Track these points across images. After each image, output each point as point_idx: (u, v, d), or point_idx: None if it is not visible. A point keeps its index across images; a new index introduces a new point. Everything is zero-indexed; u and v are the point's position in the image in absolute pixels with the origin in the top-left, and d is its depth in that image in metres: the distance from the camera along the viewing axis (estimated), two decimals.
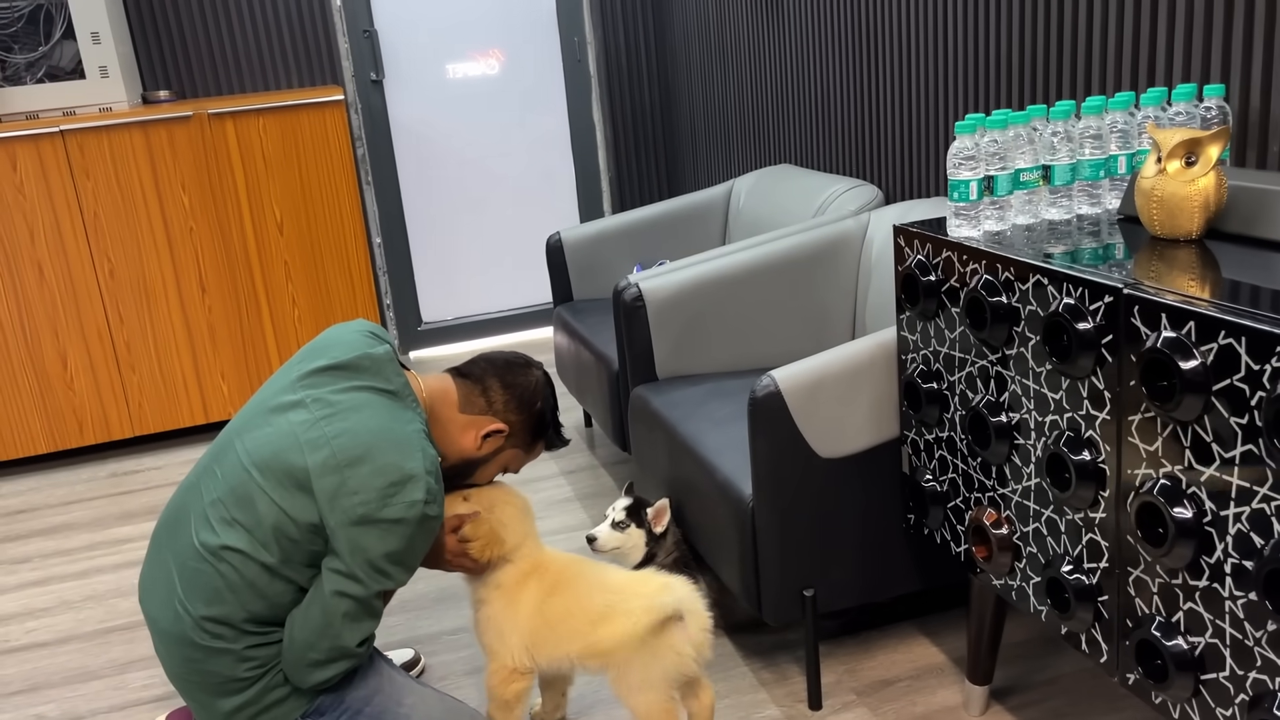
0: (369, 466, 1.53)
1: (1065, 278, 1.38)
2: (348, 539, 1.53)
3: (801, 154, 3.30)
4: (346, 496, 1.53)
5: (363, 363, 1.65)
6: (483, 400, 1.76)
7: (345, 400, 1.60)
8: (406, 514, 1.54)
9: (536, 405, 1.80)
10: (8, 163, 3.31)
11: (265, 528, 1.56)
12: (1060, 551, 1.49)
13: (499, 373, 1.78)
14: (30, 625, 2.58)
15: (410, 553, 1.58)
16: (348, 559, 1.55)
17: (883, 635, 2.20)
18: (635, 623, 1.69)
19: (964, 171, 1.60)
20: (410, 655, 2.22)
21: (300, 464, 1.55)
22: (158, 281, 3.53)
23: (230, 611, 1.59)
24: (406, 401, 1.66)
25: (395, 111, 4.32)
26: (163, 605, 1.63)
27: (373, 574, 1.55)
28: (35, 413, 3.52)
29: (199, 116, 3.44)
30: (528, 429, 1.81)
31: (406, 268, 4.48)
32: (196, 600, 1.59)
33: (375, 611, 1.61)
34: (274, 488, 1.56)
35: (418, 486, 1.54)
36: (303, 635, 1.59)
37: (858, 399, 1.87)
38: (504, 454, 1.81)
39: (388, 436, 1.56)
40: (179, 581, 1.61)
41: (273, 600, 1.59)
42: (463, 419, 1.75)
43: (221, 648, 1.59)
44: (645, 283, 2.51)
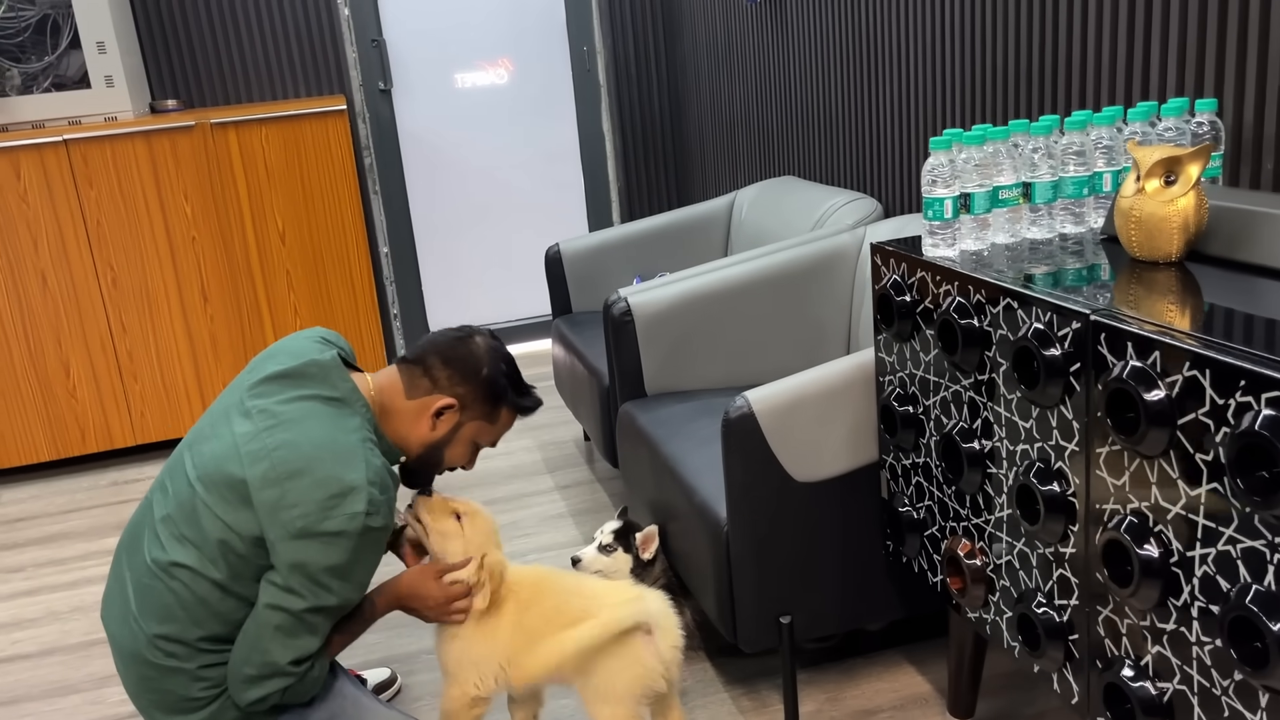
0: (309, 479, 1.50)
1: (1034, 302, 1.32)
2: (287, 552, 1.50)
3: (805, 166, 3.25)
4: (286, 509, 1.49)
5: (309, 370, 1.62)
6: (427, 380, 1.69)
7: (288, 411, 1.57)
8: (347, 526, 1.50)
9: (482, 372, 1.70)
10: (11, 172, 3.33)
11: (211, 543, 1.53)
12: (1032, 586, 1.43)
13: (439, 349, 1.71)
14: (16, 636, 2.57)
15: (354, 566, 1.53)
16: (285, 572, 1.51)
17: (867, 663, 2.13)
18: (599, 625, 1.64)
19: (938, 189, 1.54)
20: (387, 674, 2.19)
21: (240, 476, 1.52)
22: (160, 290, 3.53)
23: (182, 629, 1.56)
24: (354, 407, 1.61)
25: (404, 121, 4.31)
26: (120, 622, 1.61)
27: (312, 588, 1.51)
28: (38, 421, 3.53)
29: (202, 126, 3.44)
30: (480, 398, 1.71)
31: (414, 277, 4.46)
32: (149, 618, 1.57)
33: (314, 629, 1.55)
34: (216, 502, 1.53)
35: (359, 498, 1.50)
36: (239, 649, 1.56)
37: (835, 421, 1.81)
38: (466, 430, 1.72)
39: (329, 448, 1.53)
40: (134, 598, 1.59)
41: (226, 617, 1.56)
42: (413, 405, 1.69)
43: (175, 666, 1.56)
44: (634, 297, 2.46)
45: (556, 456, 3.34)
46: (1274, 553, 1.02)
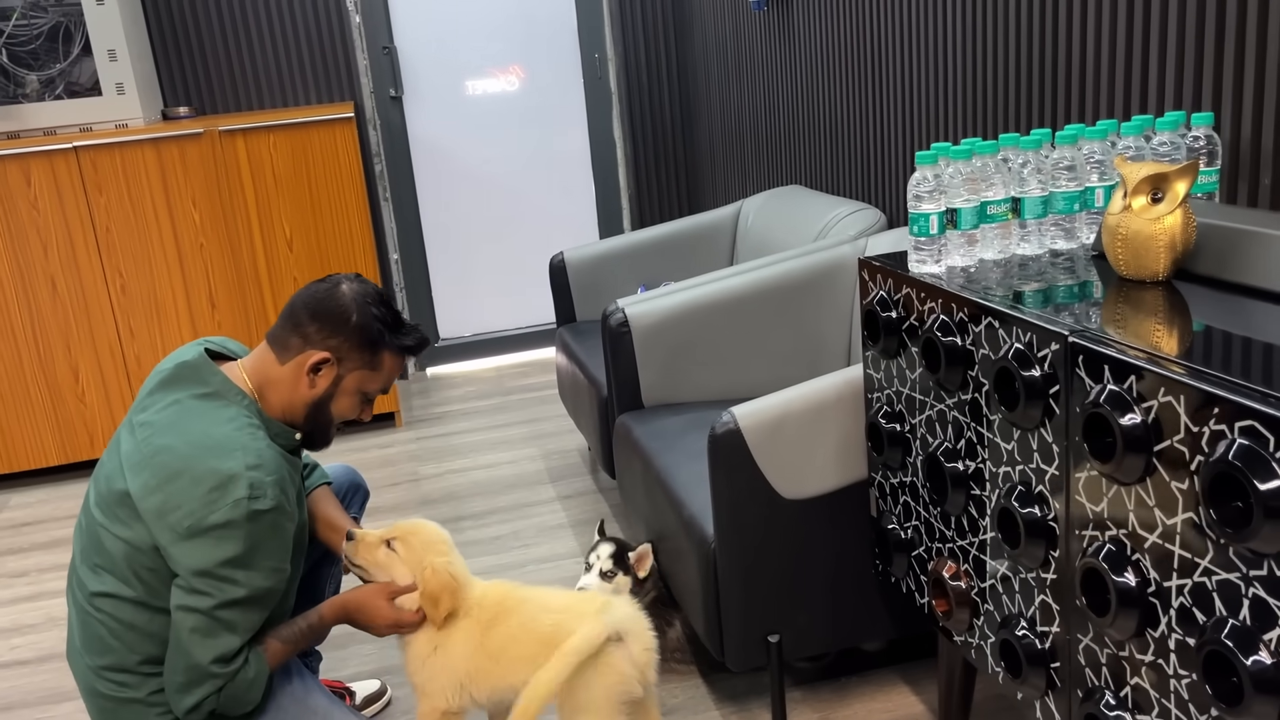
0: (187, 477, 1.49)
1: (1015, 321, 1.29)
2: (182, 554, 1.49)
3: (811, 175, 3.22)
4: (171, 512, 1.48)
5: (179, 373, 1.61)
6: (298, 339, 1.62)
7: (163, 417, 1.56)
8: (233, 514, 1.47)
9: (352, 319, 1.62)
10: (22, 178, 3.36)
11: (120, 564, 1.53)
12: (1015, 611, 1.40)
13: (305, 304, 1.64)
14: (16, 642, 2.58)
15: (254, 553, 1.51)
16: (186, 574, 1.50)
17: (861, 682, 2.10)
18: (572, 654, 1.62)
19: (924, 204, 1.51)
20: (377, 686, 2.18)
21: (124, 489, 1.52)
22: (168, 296, 3.55)
23: (120, 657, 1.56)
24: (229, 396, 1.59)
25: (414, 128, 4.31)
26: (74, 660, 1.64)
27: (214, 584, 1.49)
28: (47, 425, 3.56)
29: (210, 133, 3.46)
30: (356, 346, 1.64)
31: (424, 284, 4.47)
32: (90, 651, 1.58)
33: (230, 625, 1.52)
34: (111, 522, 1.53)
35: (239, 484, 1.48)
36: (167, 661, 1.55)
37: (823, 438, 1.78)
38: (347, 380, 1.66)
39: (203, 443, 1.51)
40: (77, 634, 1.61)
41: (158, 637, 1.56)
42: (288, 369, 1.62)
43: (128, 696, 1.56)
44: (631, 308, 2.44)
45: (560, 466, 3.33)
46: (1248, 586, 0.99)
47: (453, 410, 3.98)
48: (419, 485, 3.26)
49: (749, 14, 3.49)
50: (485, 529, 2.93)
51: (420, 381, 4.41)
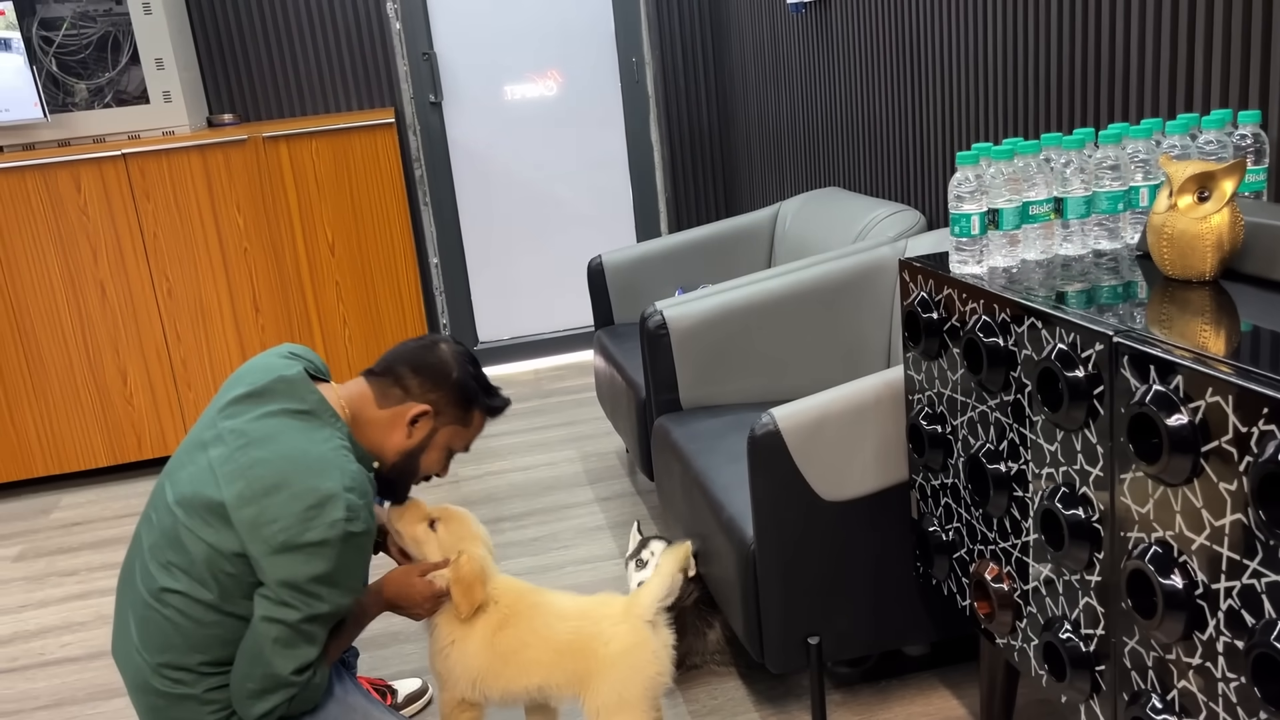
0: (286, 493, 1.51)
1: (1058, 321, 1.28)
2: (273, 567, 1.51)
3: (850, 177, 3.21)
4: (266, 525, 1.51)
5: (276, 387, 1.63)
6: (398, 390, 1.70)
7: (259, 429, 1.58)
8: (329, 534, 1.50)
9: (452, 376, 1.72)
10: (73, 185, 3.43)
11: (199, 565, 1.55)
12: (1058, 613, 1.39)
13: (407, 358, 1.72)
14: (66, 639, 2.64)
15: (341, 572, 1.54)
16: (275, 586, 1.52)
17: (902, 685, 2.09)
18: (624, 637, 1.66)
19: (965, 205, 1.51)
20: (418, 685, 2.20)
21: (218, 498, 1.54)
22: (213, 301, 3.61)
23: (182, 655, 1.58)
24: (324, 418, 1.62)
25: (454, 133, 4.35)
26: (126, 656, 1.65)
27: (302, 598, 1.52)
28: (96, 427, 3.63)
29: (254, 140, 3.51)
30: (453, 402, 1.73)
31: (464, 287, 4.50)
32: (151, 647, 1.59)
33: (311, 638, 1.56)
34: (198, 525, 1.55)
35: (337, 505, 1.51)
36: (240, 665, 1.58)
37: (863, 440, 1.78)
38: (440, 435, 1.74)
39: (302, 460, 1.54)
40: (135, 631, 1.62)
41: (223, 639, 1.58)
42: (386, 414, 1.70)
43: (182, 693, 1.59)
44: (669, 310, 2.45)
45: (598, 468, 3.34)
46: None
47: None
48: (459, 487, 3.28)
49: (787, 16, 3.48)
50: (524, 530, 2.95)
51: None
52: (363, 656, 2.40)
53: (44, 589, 2.92)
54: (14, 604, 2.85)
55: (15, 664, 2.54)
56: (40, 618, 2.76)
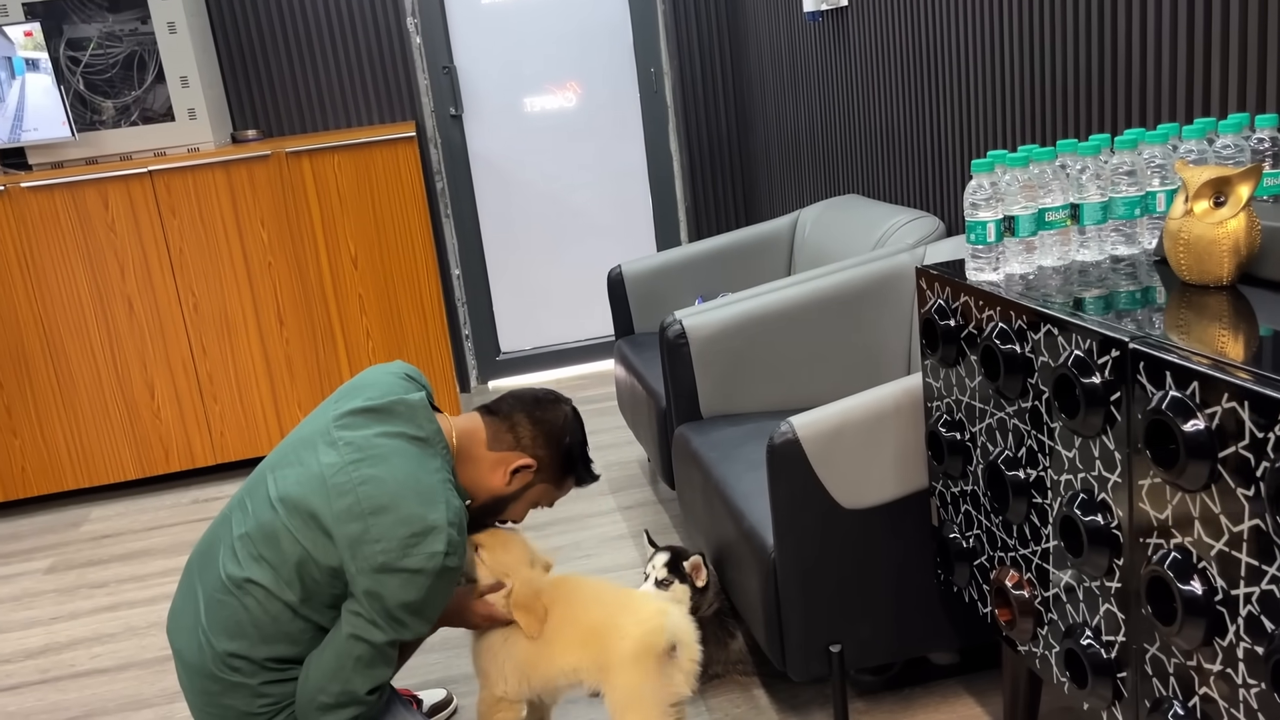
0: (393, 516, 1.53)
1: (1074, 328, 1.28)
2: (367, 586, 1.54)
3: (868, 184, 3.21)
4: (369, 544, 1.53)
5: (397, 408, 1.65)
6: (511, 436, 1.75)
7: (375, 447, 1.60)
8: (426, 565, 1.53)
9: (565, 440, 1.78)
10: (100, 202, 3.48)
11: (289, 565, 1.57)
12: (1079, 620, 1.38)
13: (527, 409, 1.78)
14: (96, 650, 2.67)
15: (428, 604, 1.57)
16: (366, 605, 1.55)
17: (925, 692, 2.09)
18: (633, 643, 1.68)
19: (980, 212, 1.51)
20: (443, 695, 2.22)
21: (325, 508, 1.56)
22: (238, 314, 3.65)
23: (251, 647, 1.60)
24: (436, 448, 1.65)
25: (474, 145, 4.39)
26: (188, 635, 1.66)
27: (390, 622, 1.55)
28: (125, 441, 3.68)
29: (277, 155, 3.56)
30: (557, 464, 1.79)
31: (485, 298, 4.53)
32: (219, 633, 1.61)
33: (389, 660, 1.60)
34: (299, 527, 1.57)
35: (439, 538, 1.54)
36: (316, 676, 1.59)
37: (883, 447, 1.78)
38: (534, 490, 1.80)
39: (413, 486, 1.56)
40: (204, 612, 1.63)
41: (294, 638, 1.60)
42: (492, 456, 1.75)
43: (238, 682, 1.61)
44: (689, 320, 2.46)
45: (620, 477, 3.35)
46: None
47: None
48: None
49: (804, 25, 3.49)
50: (547, 540, 2.96)
51: (482, 395, 4.46)
52: None
53: (74, 601, 2.97)
54: (45, 616, 2.89)
55: (47, 675, 2.58)
56: (71, 629, 2.80)
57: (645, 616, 1.70)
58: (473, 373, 4.54)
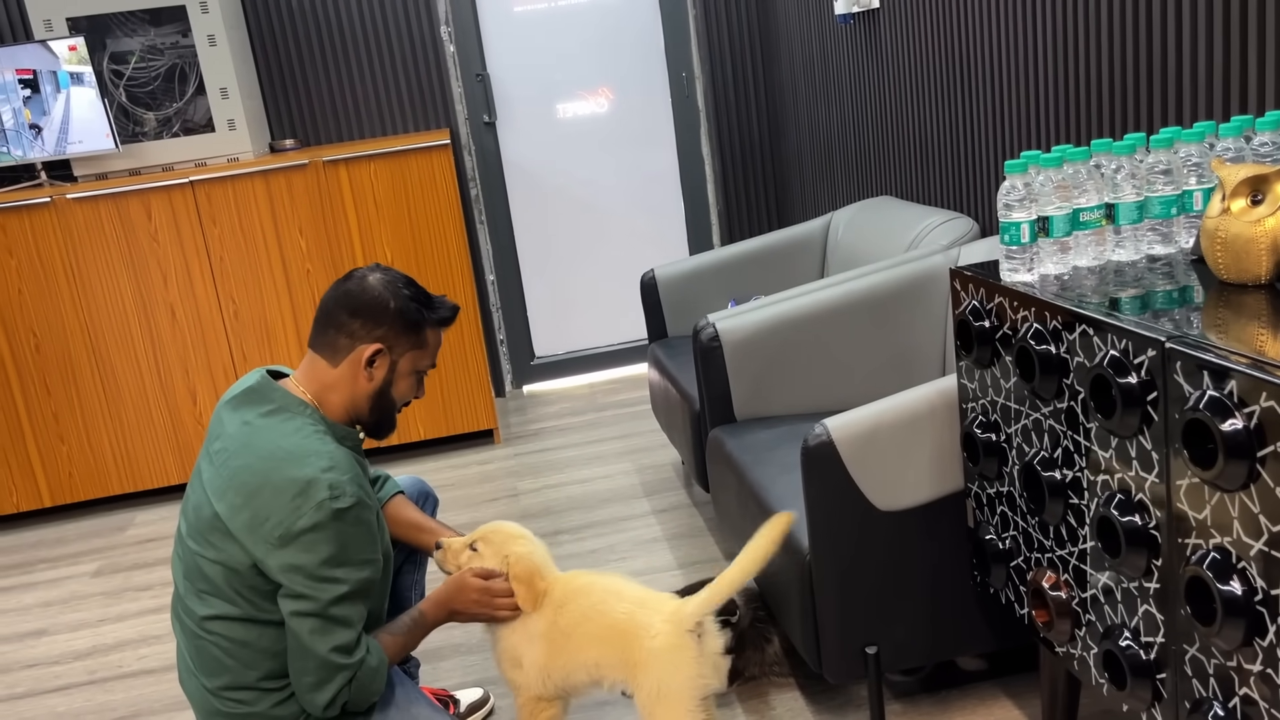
0: (269, 489, 1.56)
1: (1109, 328, 1.28)
2: (280, 563, 1.56)
3: (902, 186, 3.21)
4: (262, 525, 1.56)
5: (245, 397, 1.68)
6: (344, 339, 1.68)
7: (235, 438, 1.63)
8: (318, 517, 1.55)
9: (390, 305, 1.69)
10: (144, 213, 3.55)
11: (221, 586, 1.61)
12: (1117, 621, 1.38)
13: (340, 305, 1.69)
14: (143, 652, 2.73)
15: (347, 550, 1.58)
16: (290, 581, 1.57)
17: (962, 694, 2.08)
18: (664, 640, 1.70)
19: (1015, 213, 1.51)
20: (479, 694, 2.24)
21: (213, 514, 1.60)
22: (278, 321, 3.71)
23: (237, 676, 1.63)
24: (292, 409, 1.65)
25: (507, 152, 4.42)
26: (189, 684, 1.71)
27: (317, 585, 1.56)
28: (168, 446, 3.74)
29: (315, 164, 3.61)
30: (401, 330, 1.71)
31: (519, 304, 4.56)
32: (206, 673, 1.66)
33: (344, 620, 1.60)
34: (205, 548, 1.61)
35: (318, 488, 1.55)
36: (292, 665, 1.62)
37: (918, 449, 1.78)
38: (401, 365, 1.73)
39: (277, 455, 1.58)
40: (190, 658, 1.68)
41: (270, 650, 1.63)
42: (343, 369, 1.69)
43: (246, 712, 1.64)
44: (722, 323, 2.47)
45: (654, 480, 3.37)
46: None
47: (549, 427, 4.06)
48: (517, 500, 3.33)
49: (835, 28, 3.49)
50: (582, 543, 2.98)
51: (517, 399, 4.50)
52: (425, 667, 2.45)
53: (121, 603, 3.02)
54: (93, 618, 2.95)
55: (94, 676, 2.63)
56: (118, 631, 2.85)
57: (671, 612, 1.72)
58: (507, 377, 4.57)
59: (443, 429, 3.88)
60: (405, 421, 3.85)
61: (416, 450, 3.99)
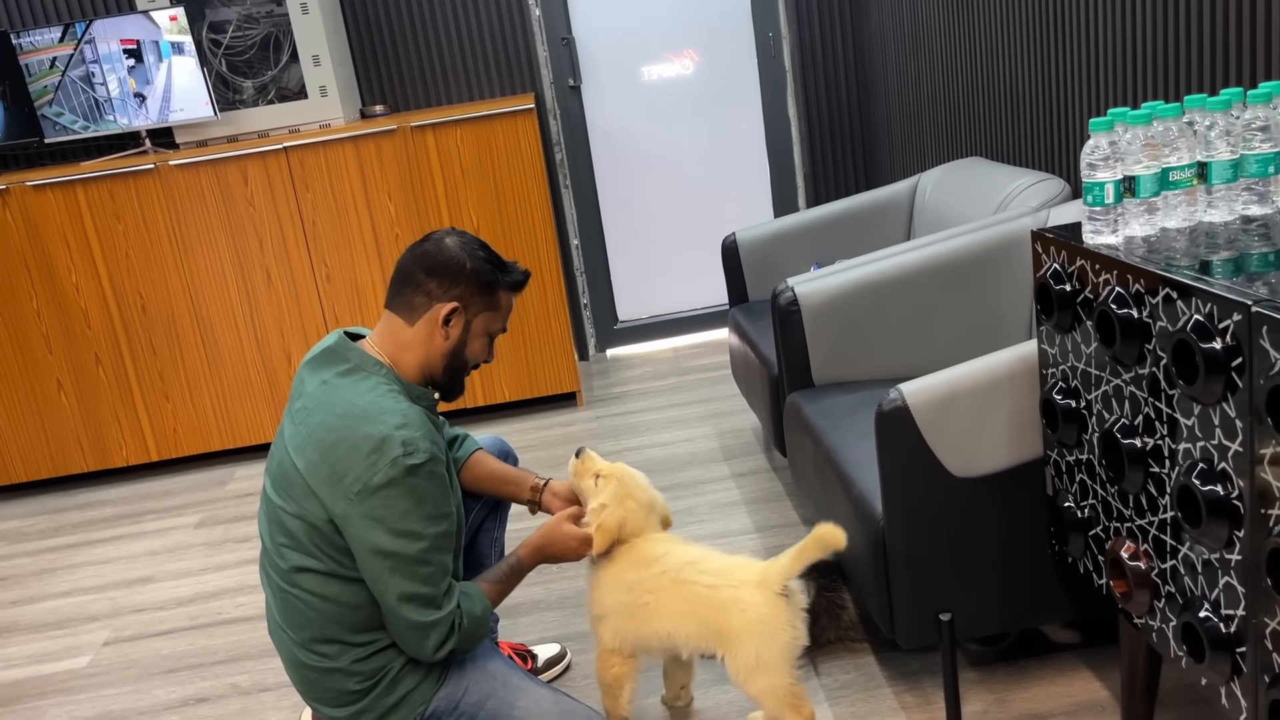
0: (345, 446, 1.61)
1: (1194, 292, 1.24)
2: (359, 517, 1.60)
3: (992, 146, 3.12)
4: (341, 481, 1.61)
5: (323, 358, 1.72)
6: (422, 299, 1.72)
7: (314, 397, 1.68)
8: (393, 473, 1.59)
9: (467, 267, 1.73)
10: (240, 178, 3.67)
11: (302, 540, 1.66)
12: (1197, 593, 1.34)
13: (418, 266, 1.73)
14: (240, 600, 2.85)
15: (424, 504, 1.62)
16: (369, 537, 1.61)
17: (1041, 665, 2.05)
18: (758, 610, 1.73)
19: (1099, 172, 1.46)
20: (556, 650, 2.29)
21: (293, 468, 1.66)
22: (368, 284, 3.80)
23: (322, 629, 1.69)
24: (368, 369, 1.69)
25: (592, 115, 4.43)
26: (277, 635, 1.78)
27: (399, 539, 1.61)
28: (265, 404, 3.88)
29: (403, 129, 3.67)
30: (476, 290, 1.75)
31: (603, 268, 4.59)
32: (292, 625, 1.72)
33: (426, 576, 1.64)
34: (287, 502, 1.67)
35: (392, 444, 1.59)
36: (391, 625, 1.68)
37: (995, 415, 1.75)
38: (475, 325, 1.77)
39: (352, 413, 1.63)
40: (277, 610, 1.75)
41: (353, 603, 1.68)
42: (420, 328, 1.73)
43: (328, 666, 1.71)
44: (801, 287, 2.45)
45: (734, 444, 3.37)
46: None
47: (631, 390, 4.09)
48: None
49: None
50: None
51: (600, 363, 4.54)
52: (503, 623, 2.51)
53: (221, 554, 3.16)
54: (195, 567, 3.10)
55: (196, 622, 2.76)
56: (218, 580, 2.99)
57: (759, 579, 1.75)
58: (591, 341, 4.61)
59: (527, 391, 3.94)
60: (490, 383, 3.92)
61: (501, 411, 4.07)
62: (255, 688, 2.41)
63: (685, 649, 1.82)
